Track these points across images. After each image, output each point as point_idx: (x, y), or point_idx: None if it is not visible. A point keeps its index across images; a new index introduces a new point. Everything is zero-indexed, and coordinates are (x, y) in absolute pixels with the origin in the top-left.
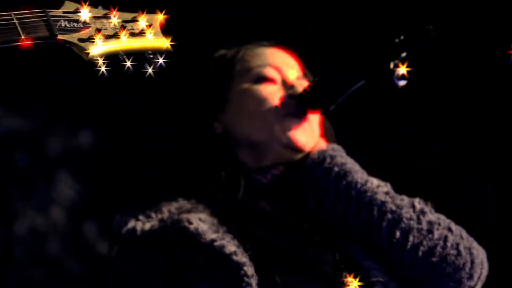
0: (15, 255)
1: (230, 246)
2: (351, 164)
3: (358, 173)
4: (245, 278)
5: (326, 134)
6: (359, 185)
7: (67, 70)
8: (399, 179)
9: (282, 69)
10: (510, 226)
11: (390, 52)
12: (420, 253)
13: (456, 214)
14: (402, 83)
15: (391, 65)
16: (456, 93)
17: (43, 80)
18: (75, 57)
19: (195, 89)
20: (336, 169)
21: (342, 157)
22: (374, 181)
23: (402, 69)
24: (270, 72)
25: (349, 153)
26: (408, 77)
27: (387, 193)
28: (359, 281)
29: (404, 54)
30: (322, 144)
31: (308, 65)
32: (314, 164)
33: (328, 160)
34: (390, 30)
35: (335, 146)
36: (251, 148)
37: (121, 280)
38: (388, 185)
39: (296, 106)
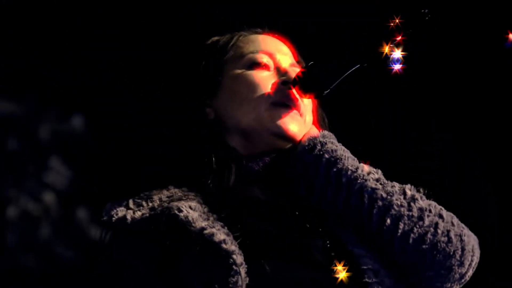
0: (6, 241)
1: (220, 234)
2: (342, 151)
3: (349, 160)
4: (234, 267)
5: (319, 121)
6: (349, 172)
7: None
8: (399, 179)
9: (275, 55)
10: (510, 226)
11: (384, 36)
12: (411, 240)
13: (456, 214)
14: (397, 67)
15: (386, 49)
16: (456, 93)
17: (37, 71)
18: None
19: (187, 74)
20: (326, 155)
21: (332, 144)
22: (365, 168)
23: (397, 53)
24: (263, 58)
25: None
26: (404, 61)
27: (378, 180)
28: (349, 269)
29: (399, 38)
30: (314, 131)
31: (304, 55)
32: (304, 151)
33: (319, 147)
34: (386, 12)
35: (326, 132)
36: (241, 135)
37: (115, 268)
38: (379, 172)
39: (288, 92)
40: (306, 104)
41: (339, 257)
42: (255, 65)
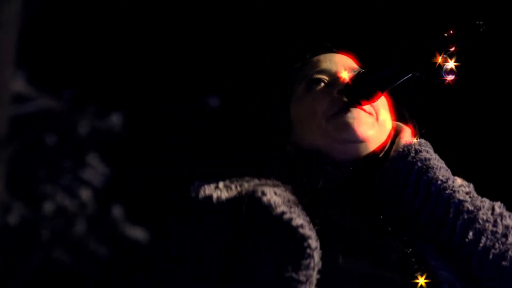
0: (41, 236)
1: (298, 219)
2: (436, 161)
3: (441, 170)
4: (308, 250)
5: (398, 117)
6: (439, 182)
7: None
8: None
9: (334, 70)
10: None
11: (439, 46)
12: (491, 256)
13: None
14: (450, 77)
15: (440, 59)
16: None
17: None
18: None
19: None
20: (419, 163)
21: (427, 153)
22: (458, 181)
23: (451, 64)
24: (320, 74)
25: None
26: (457, 71)
27: (468, 193)
28: (426, 279)
29: (453, 49)
30: (408, 135)
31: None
32: (398, 157)
33: (413, 154)
34: (440, 23)
35: (422, 141)
36: (321, 153)
37: (183, 243)
38: (471, 186)
39: (345, 100)
40: (378, 102)
41: (416, 265)
42: (312, 84)
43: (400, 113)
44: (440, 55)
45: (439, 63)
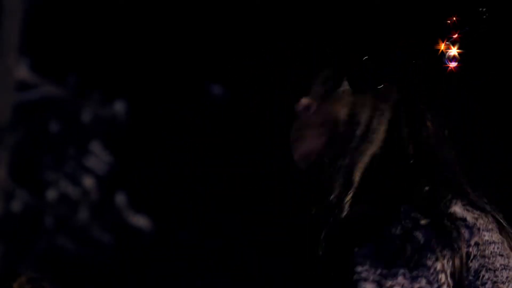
0: (44, 223)
1: None
2: None
3: None
4: None
5: None
6: None
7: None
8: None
9: None
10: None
11: (441, 33)
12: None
13: None
14: (453, 64)
15: (442, 47)
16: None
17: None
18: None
19: None
20: None
21: None
22: None
23: (453, 51)
24: None
25: None
26: (459, 58)
27: None
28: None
29: (455, 36)
30: None
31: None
32: None
33: None
34: (442, 10)
35: None
36: None
37: None
38: None
39: None
40: None
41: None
42: None
43: None
44: (442, 42)
45: (442, 50)
